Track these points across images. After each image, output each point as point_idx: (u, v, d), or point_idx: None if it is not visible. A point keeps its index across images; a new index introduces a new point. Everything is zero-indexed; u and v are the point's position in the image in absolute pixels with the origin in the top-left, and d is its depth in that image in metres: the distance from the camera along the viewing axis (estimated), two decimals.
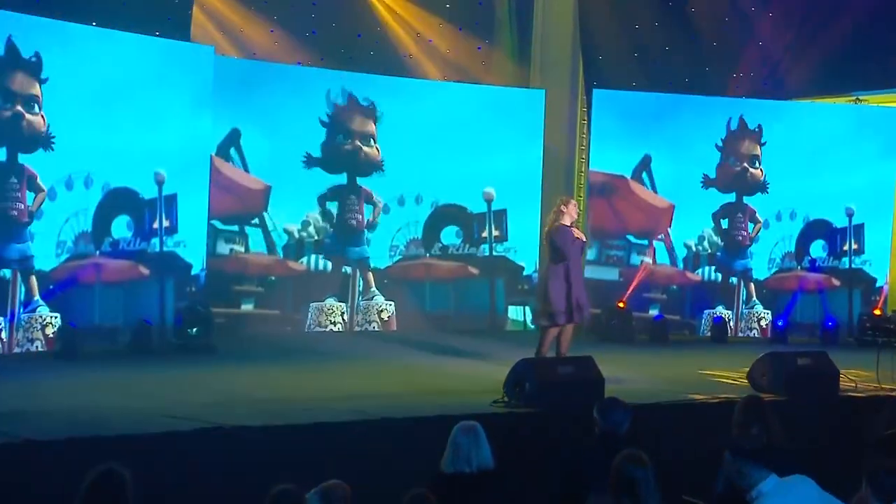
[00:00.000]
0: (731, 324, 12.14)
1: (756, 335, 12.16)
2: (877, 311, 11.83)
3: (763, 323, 12.24)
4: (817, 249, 12.45)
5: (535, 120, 12.19)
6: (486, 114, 11.99)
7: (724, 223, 12.26)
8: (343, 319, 11.45)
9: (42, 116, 9.06)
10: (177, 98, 9.91)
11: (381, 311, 11.63)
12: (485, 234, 12.17)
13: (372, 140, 11.54)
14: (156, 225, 9.86)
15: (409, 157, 11.68)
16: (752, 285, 12.28)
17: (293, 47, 11.38)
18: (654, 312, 11.93)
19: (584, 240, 8.21)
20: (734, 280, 12.26)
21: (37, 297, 9.03)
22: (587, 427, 5.22)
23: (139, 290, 9.75)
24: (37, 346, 8.98)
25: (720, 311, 12.11)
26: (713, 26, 12.35)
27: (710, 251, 12.24)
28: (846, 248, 12.41)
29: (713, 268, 12.24)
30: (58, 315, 9.08)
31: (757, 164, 12.26)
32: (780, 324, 11.88)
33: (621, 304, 11.57)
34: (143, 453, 5.39)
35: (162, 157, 9.83)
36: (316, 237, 11.37)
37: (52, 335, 9.04)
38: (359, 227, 11.55)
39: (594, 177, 12.14)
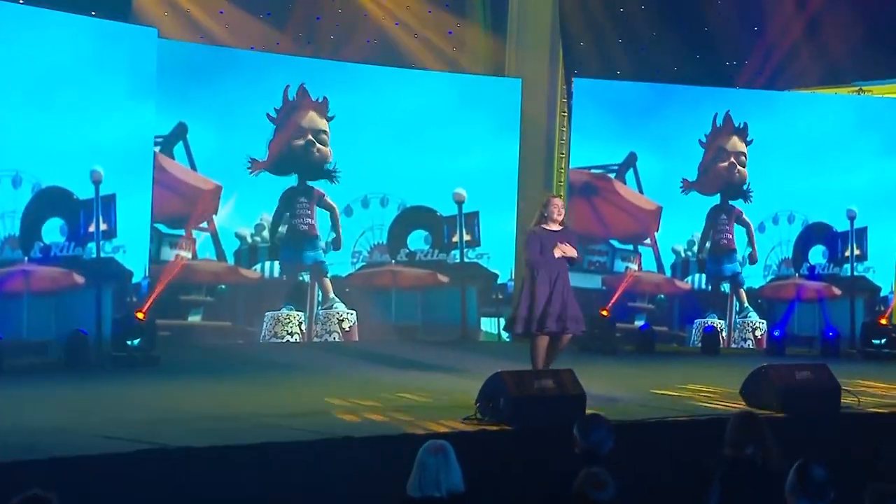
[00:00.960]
0: (724, 334, 12.22)
1: (750, 346, 12.24)
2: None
3: (758, 333, 12.33)
4: (816, 255, 12.56)
5: (511, 112, 12.23)
6: (458, 105, 12.01)
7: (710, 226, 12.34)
8: (301, 330, 11.41)
9: None
10: (116, 87, 9.83)
11: (342, 320, 11.60)
12: (455, 238, 12.17)
13: (325, 137, 11.52)
14: (92, 228, 9.76)
15: (373, 154, 11.67)
16: (744, 292, 12.36)
17: (246, 30, 11.34)
18: (639, 323, 11.98)
19: (564, 255, 8.08)
20: (726, 287, 12.33)
21: None
22: (566, 446, 5.22)
23: (73, 300, 9.65)
24: None
25: (712, 321, 12.18)
26: (704, 10, 12.44)
27: (700, 257, 12.31)
28: (847, 253, 12.51)
29: (704, 275, 12.32)
30: None
31: (744, 163, 12.36)
32: (776, 335, 11.97)
33: (604, 313, 11.61)
34: (77, 478, 5.33)
35: (99, 154, 9.73)
36: (270, 242, 11.32)
37: None
38: (311, 232, 11.51)
39: (575, 176, 12.19)
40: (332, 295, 11.58)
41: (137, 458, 5.61)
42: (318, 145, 11.48)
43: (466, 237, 12.18)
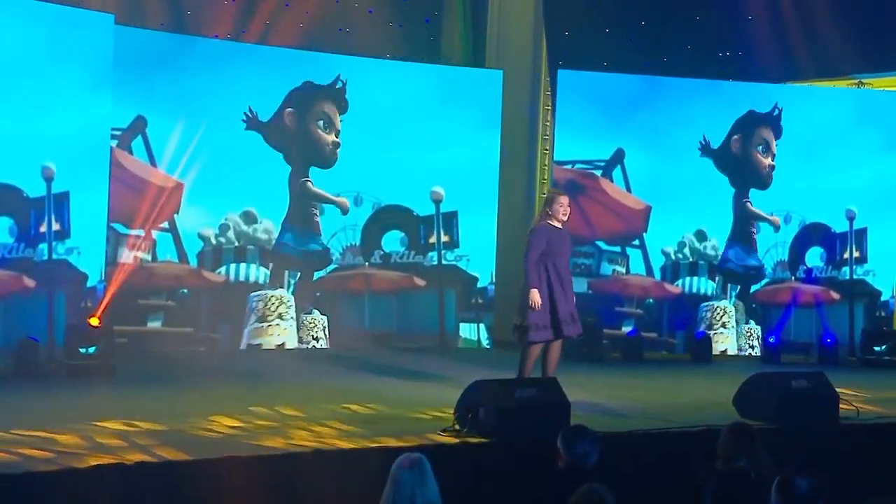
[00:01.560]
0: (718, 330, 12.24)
1: (757, 353, 12.25)
2: None
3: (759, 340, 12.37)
4: (814, 258, 12.61)
5: (492, 106, 12.23)
6: (435, 98, 12.01)
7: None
8: (325, 335, 11.53)
9: None
10: (69, 76, 9.76)
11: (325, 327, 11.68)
12: (433, 239, 12.17)
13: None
14: (44, 228, 9.70)
15: (346, 150, 11.67)
16: (749, 297, 12.37)
17: (209, 17, 11.29)
18: (627, 329, 12.01)
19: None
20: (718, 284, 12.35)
21: None
22: (550, 459, 5.23)
23: (23, 304, 9.59)
24: None
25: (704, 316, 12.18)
26: None
27: (691, 259, 12.35)
28: (846, 255, 12.58)
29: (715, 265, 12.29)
30: None
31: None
32: (771, 341, 12.02)
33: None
34: (26, 495, 5.29)
35: (51, 149, 9.68)
36: (236, 243, 11.29)
37: None
38: (316, 231, 11.59)
39: (559, 173, 12.21)
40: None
41: (92, 474, 5.58)
42: (337, 151, 11.63)
43: (444, 238, 12.18)
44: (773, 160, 12.43)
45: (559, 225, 8.22)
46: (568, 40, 12.53)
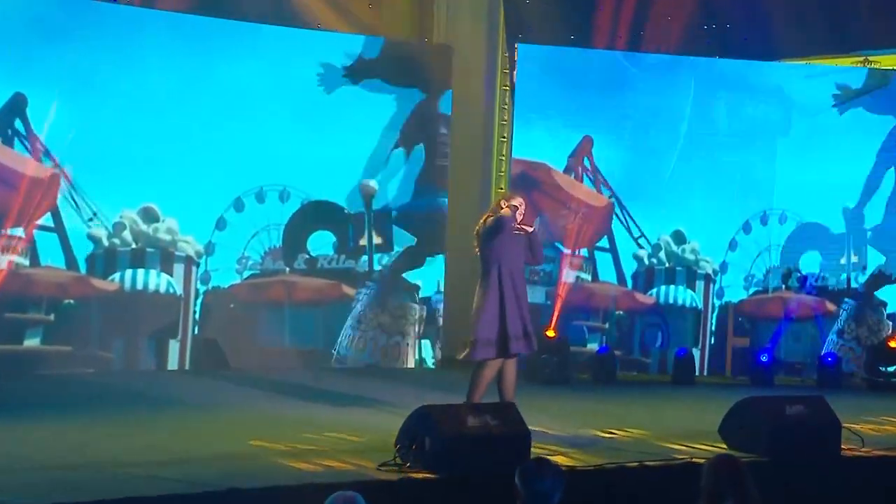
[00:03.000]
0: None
1: None
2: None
3: None
4: (809, 263, 12.77)
5: (440, 86, 12.26)
6: (374, 76, 12.01)
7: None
8: None
9: None
10: None
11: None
12: (364, 241, 12.17)
13: None
14: None
15: (271, 135, 11.57)
16: None
17: None
18: (593, 346, 12.08)
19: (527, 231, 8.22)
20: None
21: None
22: (506, 498, 5.26)
23: None
24: None
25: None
26: None
27: (667, 265, 12.45)
28: (845, 261, 12.76)
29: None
30: None
31: None
32: (763, 360, 12.14)
33: (551, 333, 11.68)
34: None
35: None
36: (134, 245, 11.21)
37: None
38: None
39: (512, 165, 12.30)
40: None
41: None
42: None
43: (377, 240, 12.18)
44: None
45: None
46: (529, 10, 12.57)
